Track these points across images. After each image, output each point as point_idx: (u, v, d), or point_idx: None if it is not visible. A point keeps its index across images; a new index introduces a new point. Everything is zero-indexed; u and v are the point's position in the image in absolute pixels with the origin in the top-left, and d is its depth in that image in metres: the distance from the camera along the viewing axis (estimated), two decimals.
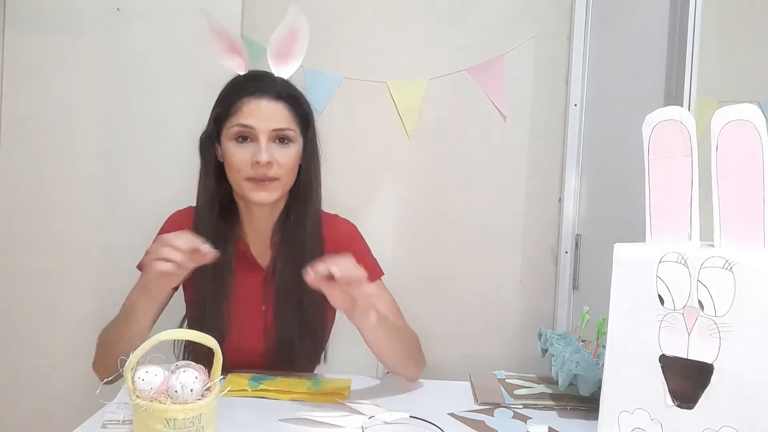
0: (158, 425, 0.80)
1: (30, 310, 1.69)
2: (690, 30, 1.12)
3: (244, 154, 1.14)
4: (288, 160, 1.16)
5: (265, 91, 1.16)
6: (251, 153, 1.13)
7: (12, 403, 1.69)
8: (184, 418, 0.80)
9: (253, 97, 1.15)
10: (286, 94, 1.17)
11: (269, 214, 1.22)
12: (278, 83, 1.18)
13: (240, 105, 1.15)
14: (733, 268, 0.71)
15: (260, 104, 1.15)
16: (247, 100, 1.15)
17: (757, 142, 0.71)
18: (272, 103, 1.15)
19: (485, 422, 1.02)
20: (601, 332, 1.09)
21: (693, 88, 1.12)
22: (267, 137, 1.14)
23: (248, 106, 1.14)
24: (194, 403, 0.81)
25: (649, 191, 0.82)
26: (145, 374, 0.83)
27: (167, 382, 0.83)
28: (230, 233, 1.21)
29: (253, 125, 1.14)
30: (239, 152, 1.14)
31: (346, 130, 1.77)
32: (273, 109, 1.15)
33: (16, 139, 1.67)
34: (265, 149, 1.13)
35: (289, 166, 1.17)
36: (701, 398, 0.73)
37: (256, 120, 1.14)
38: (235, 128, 1.15)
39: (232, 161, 1.15)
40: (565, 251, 1.76)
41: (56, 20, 1.66)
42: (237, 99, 1.15)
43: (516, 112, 1.79)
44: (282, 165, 1.15)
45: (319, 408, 1.03)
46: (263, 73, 1.21)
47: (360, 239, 1.28)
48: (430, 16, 1.79)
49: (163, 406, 0.80)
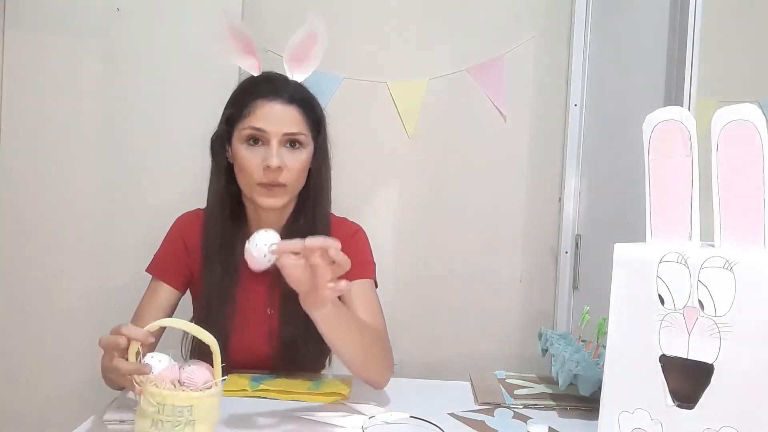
0: (150, 408, 0.81)
1: (30, 310, 1.69)
2: (690, 30, 1.12)
3: (255, 158, 1.13)
4: (297, 165, 1.15)
5: (279, 94, 1.15)
6: (262, 157, 1.13)
7: (12, 403, 1.69)
8: (173, 404, 0.80)
9: (267, 99, 1.14)
10: (299, 97, 1.17)
11: (278, 218, 1.22)
12: (291, 86, 1.18)
13: (253, 107, 1.14)
14: (733, 268, 0.71)
15: (273, 107, 1.14)
16: (260, 103, 1.14)
17: (757, 142, 0.71)
18: (285, 106, 1.15)
19: (485, 422, 1.02)
20: (601, 332, 1.10)
21: (693, 88, 1.11)
22: (278, 141, 1.13)
23: (261, 109, 1.14)
24: (187, 393, 0.81)
25: (649, 191, 0.82)
26: (150, 359, 0.85)
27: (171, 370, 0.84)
28: (238, 235, 1.21)
29: (265, 128, 1.13)
30: (250, 156, 1.14)
31: (346, 130, 1.76)
32: (285, 112, 1.15)
33: (16, 139, 1.67)
34: (276, 154, 1.12)
35: (298, 171, 1.16)
36: (701, 398, 0.73)
37: (268, 123, 1.13)
38: (247, 131, 1.14)
39: (243, 165, 1.14)
40: (565, 251, 1.76)
41: (56, 20, 1.66)
42: (251, 101, 1.15)
43: (516, 112, 1.79)
44: (291, 170, 1.15)
45: (319, 408, 1.03)
46: (277, 75, 1.20)
47: (364, 241, 1.27)
48: (430, 16, 1.79)
49: (157, 390, 0.81)
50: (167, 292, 1.20)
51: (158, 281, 1.21)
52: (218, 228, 1.19)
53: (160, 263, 1.23)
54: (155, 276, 1.22)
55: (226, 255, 1.18)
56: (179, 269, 1.22)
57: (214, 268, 1.18)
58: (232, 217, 1.21)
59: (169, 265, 1.22)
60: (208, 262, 1.20)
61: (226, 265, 1.17)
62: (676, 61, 1.16)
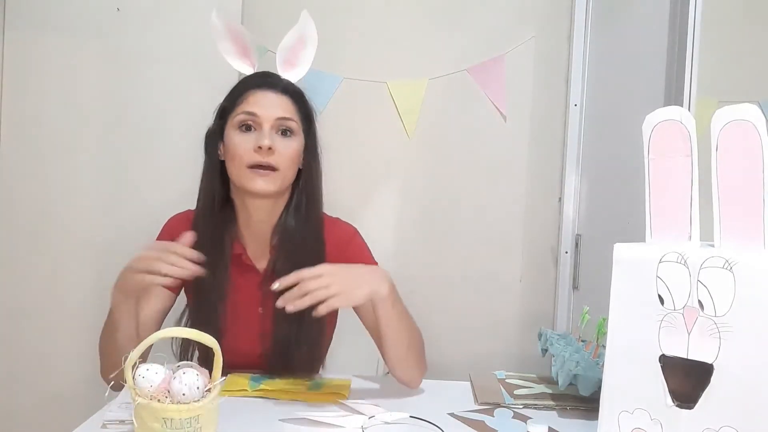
0: (155, 424, 0.79)
1: (30, 309, 1.69)
2: (690, 30, 1.12)
3: (247, 142, 1.14)
4: (289, 151, 1.16)
5: (272, 86, 1.18)
6: (254, 140, 1.14)
7: (12, 403, 1.69)
8: (180, 418, 0.79)
9: (260, 89, 1.17)
10: (292, 89, 1.20)
11: (268, 217, 1.22)
12: (284, 81, 1.21)
13: (246, 96, 1.17)
14: (733, 268, 0.71)
15: (266, 95, 1.17)
16: (253, 92, 1.17)
17: (757, 142, 0.71)
18: (278, 95, 1.17)
19: (485, 422, 1.02)
20: (601, 332, 1.09)
21: (693, 88, 1.12)
22: (271, 125, 1.15)
23: (254, 96, 1.16)
24: (192, 404, 0.81)
25: (649, 191, 0.82)
26: (146, 372, 0.83)
27: (168, 381, 0.83)
28: (226, 236, 1.21)
29: (258, 113, 1.15)
30: (242, 141, 1.15)
31: (346, 130, 1.77)
32: (278, 100, 1.17)
33: (16, 139, 1.67)
34: (268, 136, 1.14)
35: (290, 157, 1.17)
36: (701, 398, 0.73)
37: (260, 108, 1.15)
38: (240, 116, 1.16)
39: (235, 150, 1.15)
40: (565, 251, 1.76)
41: (56, 20, 1.66)
42: (243, 90, 1.17)
43: (516, 112, 1.79)
44: (283, 155, 1.15)
45: (319, 408, 1.03)
46: (270, 72, 1.22)
47: (359, 240, 1.27)
48: (430, 16, 1.79)
49: (161, 406, 0.80)
50: (162, 294, 1.20)
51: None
52: (209, 225, 1.19)
53: None
54: None
55: (216, 253, 1.17)
56: None
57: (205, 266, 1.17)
58: (220, 217, 1.21)
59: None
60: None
61: (216, 263, 1.16)
62: (676, 61, 1.16)
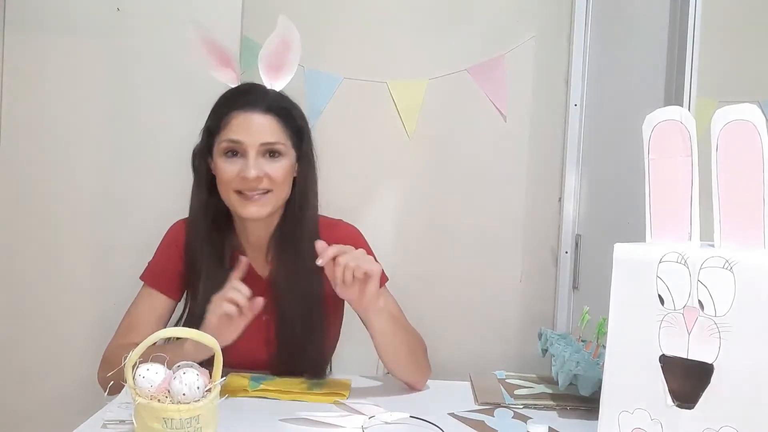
0: (156, 424, 0.80)
1: (30, 310, 1.68)
2: (690, 30, 1.12)
3: (233, 170, 1.13)
4: (278, 173, 1.15)
5: (255, 105, 1.14)
6: (240, 168, 1.13)
7: (12, 403, 1.69)
8: (181, 418, 0.79)
9: (243, 111, 1.14)
10: (276, 107, 1.16)
11: (264, 230, 1.22)
12: (270, 96, 1.17)
13: (229, 119, 1.14)
14: (733, 268, 0.71)
15: (249, 118, 1.14)
16: (236, 114, 1.14)
17: (757, 142, 0.71)
18: (262, 116, 1.14)
19: (485, 422, 1.02)
20: (601, 332, 1.10)
21: (693, 88, 1.11)
22: (256, 151, 1.13)
23: (237, 120, 1.13)
24: (192, 404, 0.81)
25: (649, 191, 0.82)
26: (146, 372, 0.83)
27: (169, 381, 0.83)
28: (226, 245, 1.21)
29: (242, 140, 1.13)
30: (228, 167, 1.14)
31: (346, 131, 1.77)
32: (262, 122, 1.14)
33: (16, 139, 1.67)
34: (253, 165, 1.12)
35: (281, 178, 1.15)
36: (701, 398, 0.73)
37: (244, 135, 1.13)
38: (224, 144, 1.14)
39: (222, 177, 1.15)
40: (565, 251, 1.76)
41: (56, 20, 1.66)
42: (226, 112, 1.15)
43: (516, 112, 1.79)
44: (273, 178, 1.14)
45: (319, 408, 1.04)
46: (254, 85, 1.20)
47: (363, 242, 1.27)
48: (430, 16, 1.78)
49: (161, 406, 0.80)
50: (164, 301, 1.21)
51: (153, 290, 1.21)
52: (202, 238, 1.19)
53: (156, 272, 1.23)
54: (151, 286, 1.21)
55: (215, 265, 1.17)
56: (174, 278, 1.22)
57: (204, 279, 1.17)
58: (218, 229, 1.21)
59: (164, 274, 1.22)
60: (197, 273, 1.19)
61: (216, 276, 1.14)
62: (676, 61, 1.16)
